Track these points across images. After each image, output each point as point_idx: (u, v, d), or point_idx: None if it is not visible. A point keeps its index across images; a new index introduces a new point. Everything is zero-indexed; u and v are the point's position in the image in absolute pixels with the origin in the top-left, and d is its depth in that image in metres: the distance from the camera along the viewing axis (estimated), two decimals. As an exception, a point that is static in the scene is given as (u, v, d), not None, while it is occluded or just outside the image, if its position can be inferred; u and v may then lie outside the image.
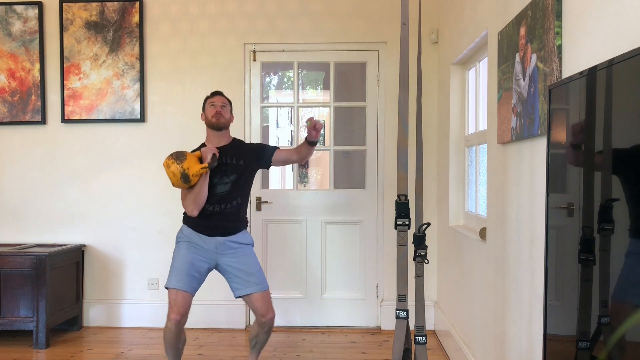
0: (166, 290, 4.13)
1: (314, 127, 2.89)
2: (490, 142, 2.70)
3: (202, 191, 2.87)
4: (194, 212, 2.88)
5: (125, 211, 4.23)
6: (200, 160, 2.90)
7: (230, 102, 3.09)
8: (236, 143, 3.07)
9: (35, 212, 4.27)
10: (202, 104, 4.12)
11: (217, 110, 2.97)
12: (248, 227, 3.15)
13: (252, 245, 3.02)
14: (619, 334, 1.19)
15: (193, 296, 2.88)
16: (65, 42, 4.19)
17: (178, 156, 2.84)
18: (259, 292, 2.90)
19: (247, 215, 3.12)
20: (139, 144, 4.22)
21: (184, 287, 2.82)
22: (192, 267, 2.87)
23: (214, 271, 3.07)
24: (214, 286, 4.01)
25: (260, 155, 3.06)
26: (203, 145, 3.06)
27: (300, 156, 3.05)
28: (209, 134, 3.04)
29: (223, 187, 2.92)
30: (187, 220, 2.96)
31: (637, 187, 1.13)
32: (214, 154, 2.88)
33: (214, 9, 4.16)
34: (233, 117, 3.13)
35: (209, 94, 3.11)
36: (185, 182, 2.83)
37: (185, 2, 4.17)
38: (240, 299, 3.02)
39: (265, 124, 6.02)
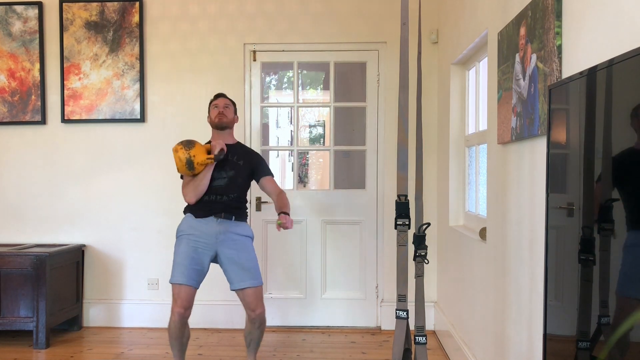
0: (167, 289, 4.19)
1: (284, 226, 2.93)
2: (490, 142, 2.70)
3: (204, 180, 2.97)
4: (192, 200, 2.99)
5: (125, 211, 4.23)
6: (209, 152, 3.00)
7: (233, 103, 3.23)
8: (240, 145, 3.21)
9: (35, 212, 4.27)
10: (201, 104, 4.17)
11: (220, 111, 3.12)
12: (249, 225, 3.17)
13: (252, 238, 3.11)
14: (619, 334, 1.19)
15: (197, 289, 2.98)
16: (65, 42, 4.19)
17: (187, 143, 2.95)
18: (251, 287, 2.99)
19: (247, 215, 3.16)
20: (139, 144, 4.22)
21: (187, 282, 2.93)
22: (193, 261, 2.96)
23: (214, 270, 3.09)
24: (214, 286, 4.02)
25: (257, 167, 3.14)
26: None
27: (276, 203, 3.06)
28: (213, 134, 3.18)
29: (220, 181, 3.03)
30: (189, 208, 3.06)
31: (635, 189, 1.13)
32: (222, 148, 2.99)
33: (214, 9, 4.16)
34: (237, 117, 3.26)
35: (212, 98, 3.22)
36: (189, 168, 2.93)
37: (185, 2, 4.16)
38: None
39: (264, 123, 6.01)
